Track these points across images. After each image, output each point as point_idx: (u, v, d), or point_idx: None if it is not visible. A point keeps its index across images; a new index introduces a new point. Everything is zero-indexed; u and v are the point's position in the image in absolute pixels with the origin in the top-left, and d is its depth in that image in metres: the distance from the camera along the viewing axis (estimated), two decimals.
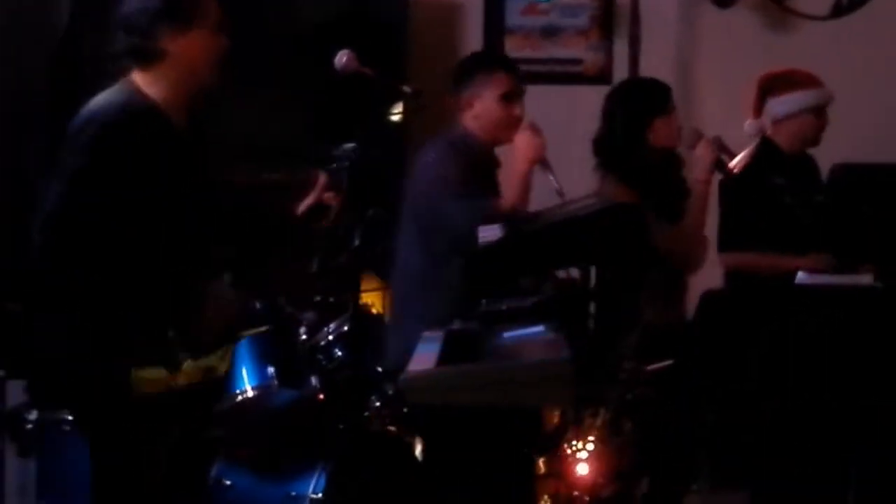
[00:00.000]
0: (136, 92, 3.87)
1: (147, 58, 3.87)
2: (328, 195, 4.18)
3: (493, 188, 4.87)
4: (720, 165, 5.18)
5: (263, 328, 4.87)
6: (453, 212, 4.66)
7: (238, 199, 4.23)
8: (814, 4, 7.32)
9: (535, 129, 4.81)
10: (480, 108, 4.91)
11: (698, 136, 5.23)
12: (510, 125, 4.87)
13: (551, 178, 4.77)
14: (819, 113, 5.67)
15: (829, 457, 5.06)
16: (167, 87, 3.89)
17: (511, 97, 4.91)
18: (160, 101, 3.88)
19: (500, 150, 5.03)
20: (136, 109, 3.84)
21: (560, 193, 4.68)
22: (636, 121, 5.21)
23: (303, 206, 4.16)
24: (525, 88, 5.00)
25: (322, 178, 4.16)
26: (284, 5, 6.58)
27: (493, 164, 4.98)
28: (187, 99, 3.96)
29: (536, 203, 4.82)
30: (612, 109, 5.29)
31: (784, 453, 5.24)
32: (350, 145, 4.30)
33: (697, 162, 5.20)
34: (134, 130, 3.79)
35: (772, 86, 5.71)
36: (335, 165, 4.25)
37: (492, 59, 5.27)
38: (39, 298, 3.85)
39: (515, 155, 4.81)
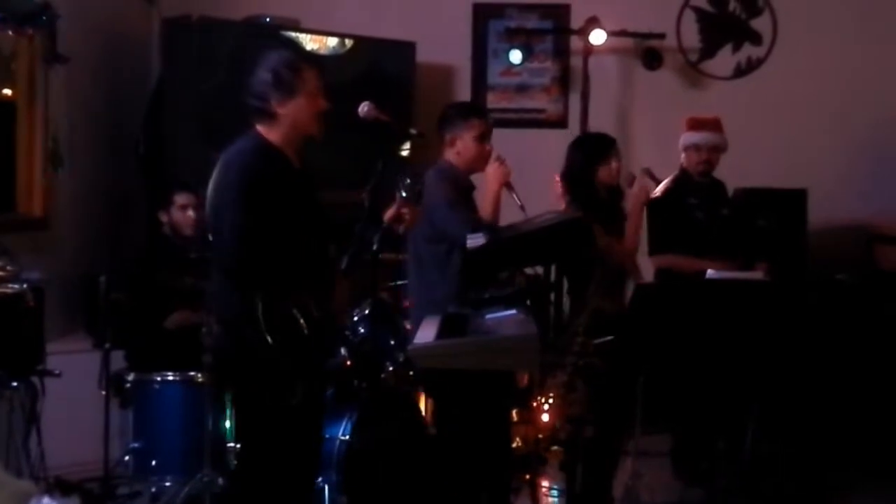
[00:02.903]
0: (261, 138, 3.95)
1: (264, 117, 3.95)
2: (404, 210, 4.20)
3: (472, 205, 4.83)
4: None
5: None
6: (452, 224, 4.61)
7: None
8: (720, 68, 7.39)
9: (502, 160, 4.73)
10: (461, 146, 4.78)
11: (633, 178, 5.22)
12: (483, 158, 4.78)
13: (514, 196, 4.68)
14: (698, 149, 5.69)
15: (730, 407, 5.10)
16: (281, 136, 3.96)
17: (483, 137, 4.80)
18: (278, 144, 3.96)
19: (475, 177, 5.01)
20: (264, 151, 3.93)
21: (522, 209, 4.62)
22: (585, 167, 5.19)
23: (388, 216, 4.21)
24: (492, 129, 4.88)
25: (399, 197, 4.20)
26: (323, 68, 6.60)
27: (470, 187, 4.88)
28: (299, 143, 4.03)
29: (505, 214, 4.83)
30: (571, 155, 5.27)
31: (697, 405, 5.28)
32: (409, 181, 4.32)
33: (631, 197, 5.18)
34: (264, 165, 3.87)
35: (684, 126, 5.78)
36: (409, 188, 4.26)
37: (468, 107, 5.16)
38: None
39: (488, 180, 4.73)
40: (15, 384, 4.35)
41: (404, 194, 4.21)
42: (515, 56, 7.18)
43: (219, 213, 3.86)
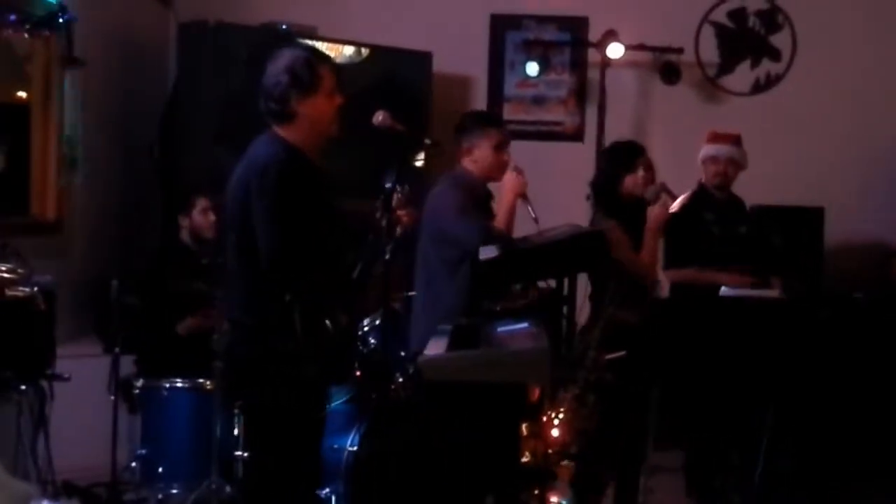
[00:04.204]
0: (283, 140, 3.87)
1: (283, 118, 3.88)
2: (402, 212, 4.18)
3: (487, 214, 4.85)
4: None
5: None
6: (462, 230, 4.62)
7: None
8: (738, 84, 7.38)
9: (519, 171, 4.81)
10: (478, 154, 4.84)
11: (659, 195, 5.11)
12: (500, 168, 4.84)
13: (529, 208, 4.73)
14: (715, 161, 5.69)
15: (744, 422, 5.09)
16: (301, 137, 3.89)
17: (501, 147, 4.86)
18: (299, 146, 3.90)
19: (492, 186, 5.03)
20: (290, 152, 3.85)
21: (535, 220, 4.63)
22: (610, 175, 5.16)
23: (383, 220, 4.17)
24: (510, 139, 4.94)
25: (396, 199, 4.18)
26: (339, 77, 6.61)
27: (487, 196, 4.94)
28: (319, 144, 3.98)
29: (519, 225, 4.84)
30: (600, 162, 5.24)
31: (710, 421, 5.26)
32: (404, 183, 4.30)
33: (651, 213, 5.09)
34: (294, 166, 3.81)
35: (706, 139, 5.77)
36: (404, 190, 4.24)
37: (486, 116, 5.20)
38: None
39: (503, 190, 4.80)
40: (24, 387, 4.36)
41: (400, 196, 4.19)
42: (532, 68, 7.18)
43: (250, 217, 3.77)
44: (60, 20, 5.64)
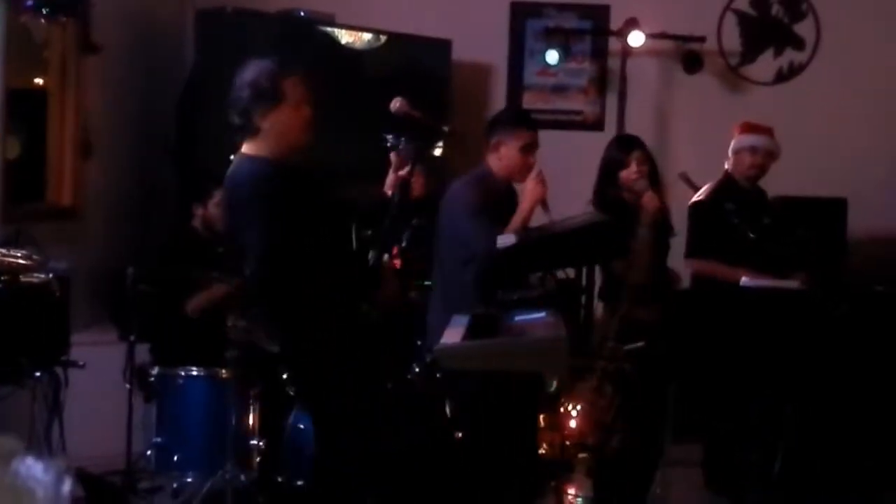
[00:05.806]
0: (253, 158, 3.93)
1: (248, 132, 3.92)
2: (402, 172, 4.14)
3: (505, 214, 4.74)
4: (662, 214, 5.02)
5: None
6: (473, 232, 4.59)
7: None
8: (761, 73, 7.34)
9: (542, 179, 4.66)
10: (504, 152, 4.79)
11: (646, 188, 4.99)
12: (524, 170, 4.75)
13: (549, 216, 4.62)
14: (754, 152, 5.63)
15: (763, 417, 5.07)
16: (270, 150, 3.92)
17: (528, 149, 4.79)
18: (271, 157, 3.92)
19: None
20: (264, 168, 3.90)
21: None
22: (608, 169, 5.11)
23: (388, 185, 4.15)
24: (538, 142, 4.86)
25: (393, 158, 4.15)
26: (358, 64, 6.61)
27: (509, 196, 4.85)
28: (288, 156, 3.98)
29: None
30: (603, 155, 5.18)
31: (729, 414, 5.24)
32: (406, 142, 4.27)
33: (643, 209, 4.96)
34: (272, 179, 3.86)
35: (736, 130, 5.73)
36: (401, 147, 4.21)
37: (518, 116, 5.15)
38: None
39: (524, 196, 4.71)
40: (38, 374, 4.36)
41: (401, 156, 4.17)
42: (552, 56, 7.16)
43: (240, 236, 3.88)
44: (78, 6, 5.64)
